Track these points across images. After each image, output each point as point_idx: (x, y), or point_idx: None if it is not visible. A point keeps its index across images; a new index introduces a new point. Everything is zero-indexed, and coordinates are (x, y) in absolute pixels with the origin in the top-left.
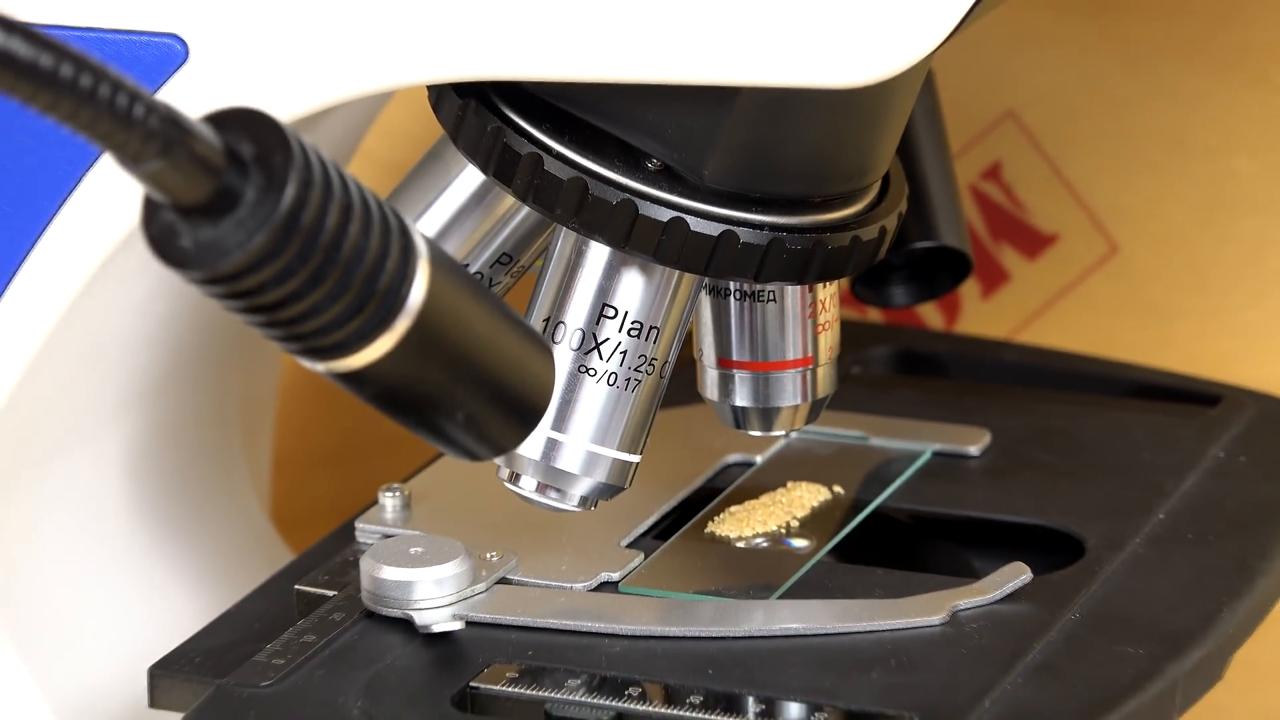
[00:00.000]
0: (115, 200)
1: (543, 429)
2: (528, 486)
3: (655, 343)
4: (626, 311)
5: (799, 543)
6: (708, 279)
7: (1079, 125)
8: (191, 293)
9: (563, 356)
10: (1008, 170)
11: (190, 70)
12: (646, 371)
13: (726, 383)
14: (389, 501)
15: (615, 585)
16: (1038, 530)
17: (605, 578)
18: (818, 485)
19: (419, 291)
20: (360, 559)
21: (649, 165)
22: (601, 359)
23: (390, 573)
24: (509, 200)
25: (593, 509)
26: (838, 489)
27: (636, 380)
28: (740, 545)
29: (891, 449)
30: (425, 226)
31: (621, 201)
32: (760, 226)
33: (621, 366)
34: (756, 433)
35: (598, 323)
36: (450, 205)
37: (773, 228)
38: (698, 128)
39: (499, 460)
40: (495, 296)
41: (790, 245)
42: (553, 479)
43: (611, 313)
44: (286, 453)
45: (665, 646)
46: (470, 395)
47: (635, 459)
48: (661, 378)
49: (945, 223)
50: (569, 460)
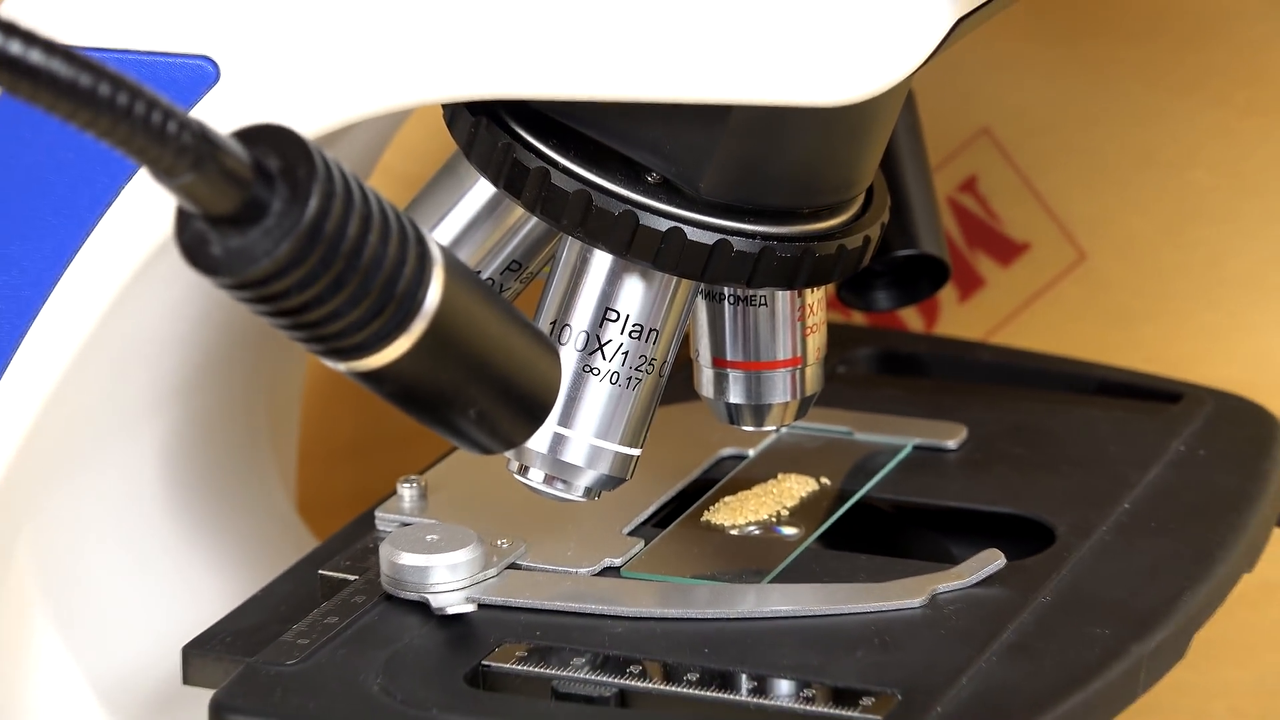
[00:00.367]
0: (150, 211)
1: (550, 424)
2: (536, 478)
3: (655, 344)
4: (628, 315)
5: (788, 530)
6: (704, 284)
7: (1049, 141)
8: (222, 297)
9: (568, 357)
10: (983, 183)
11: (221, 90)
12: (646, 371)
13: (721, 381)
14: (406, 492)
15: (617, 570)
16: (1011, 519)
17: (608, 563)
18: (806, 477)
19: (434, 296)
20: (380, 546)
21: (649, 179)
22: (604, 359)
23: (408, 558)
24: (518, 211)
25: (596, 499)
26: (824, 480)
27: (637, 379)
28: (734, 533)
29: (874, 443)
30: (440, 235)
31: (623, 212)
32: (752, 236)
33: (623, 366)
34: (749, 428)
35: (601, 325)
36: (463, 215)
37: (764, 237)
38: (694, 143)
39: (509, 454)
40: (505, 301)
41: (780, 253)
42: (559, 471)
43: (614, 316)
44: (311, 446)
45: (664, 627)
46: (482, 393)
47: (636, 452)
48: (660, 376)
49: (925, 232)
50: (574, 453)
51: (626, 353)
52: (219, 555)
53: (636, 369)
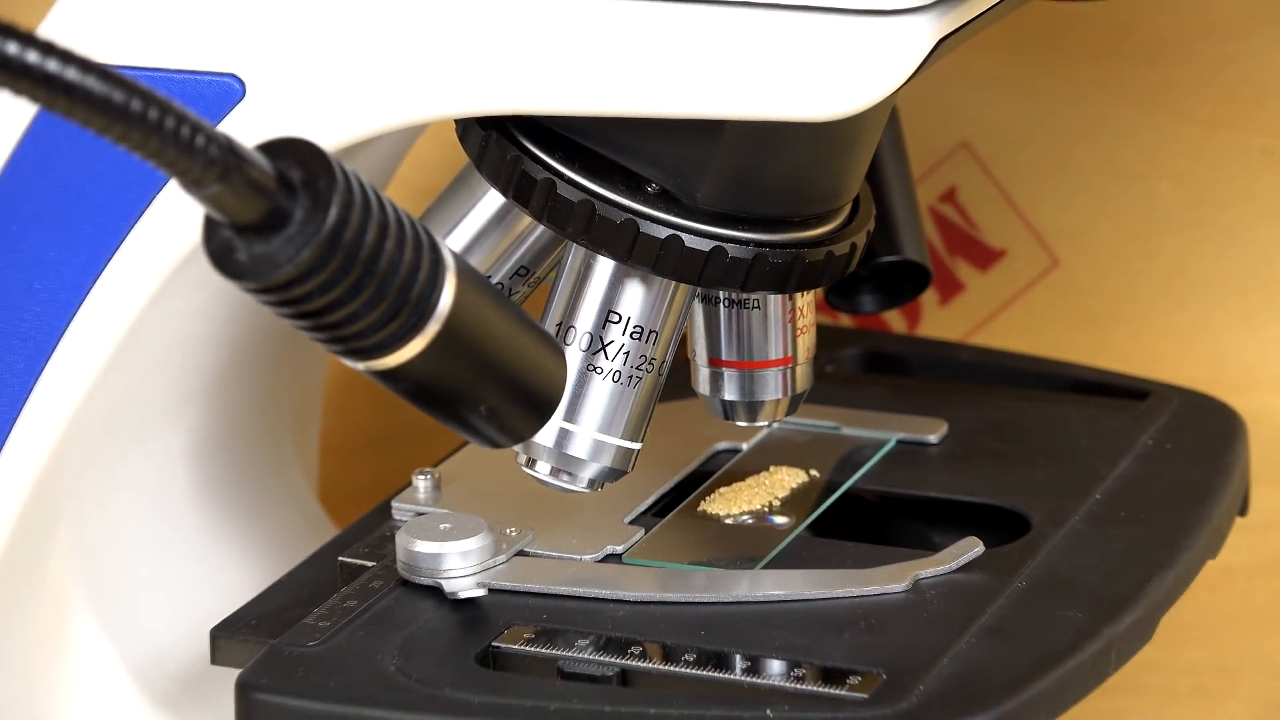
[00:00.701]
0: (180, 220)
1: (556, 420)
2: (543, 470)
3: (654, 344)
4: (629, 317)
5: (780, 519)
6: (700, 289)
7: (1025, 154)
8: (247, 300)
9: (573, 356)
10: (962, 194)
11: (247, 106)
12: (646, 370)
13: (717, 379)
14: (421, 483)
15: (619, 557)
16: (989, 509)
17: (610, 550)
18: (796, 469)
19: (447, 299)
20: (396, 534)
21: (648, 189)
22: (607, 359)
23: (422, 546)
24: (526, 220)
25: (599, 490)
26: (814, 472)
27: (638, 377)
28: (728, 522)
29: (860, 437)
30: (453, 242)
31: (624, 221)
32: (746, 243)
33: (625, 365)
34: (743, 423)
35: (604, 327)
36: (475, 224)
37: (757, 244)
38: (691, 156)
39: (517, 447)
40: (514, 304)
41: (772, 259)
42: (565, 464)
43: (616, 318)
44: (331, 441)
45: (663, 611)
46: (492, 390)
47: (636, 446)
48: (660, 375)
49: (908, 239)
50: (579, 447)
51: (628, 353)
52: (245, 543)
53: (637, 368)
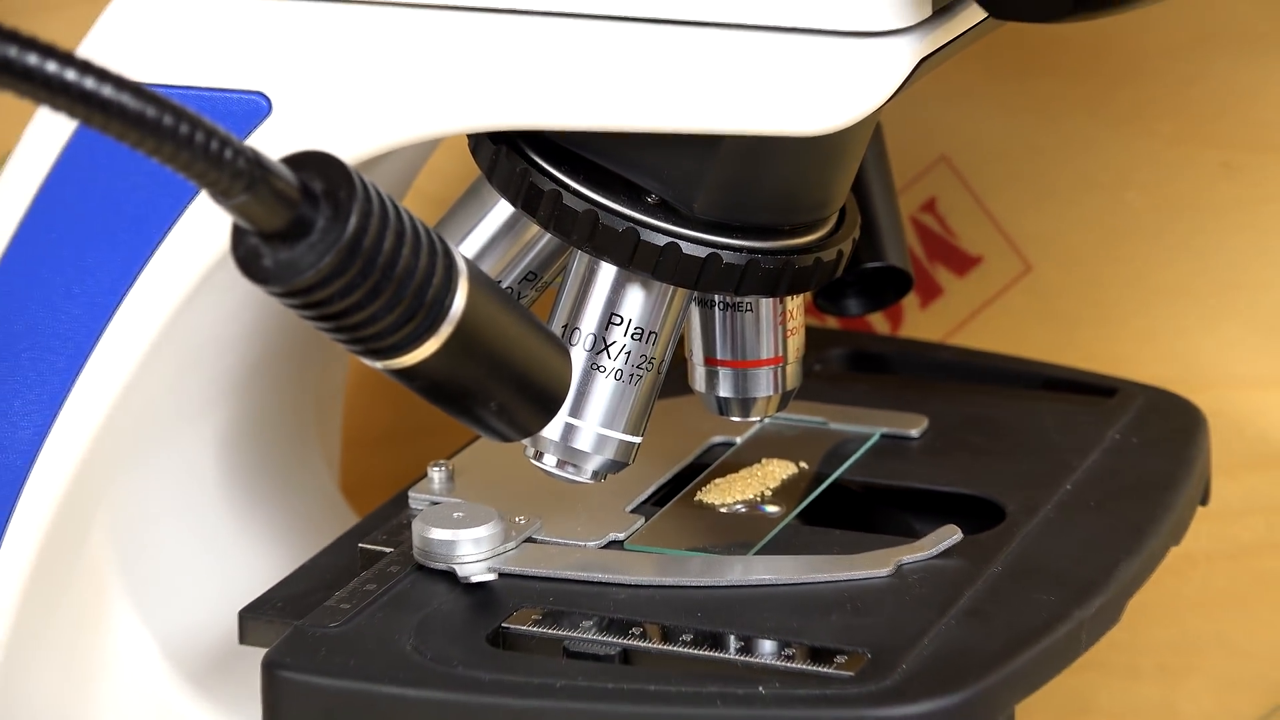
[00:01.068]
0: (210, 228)
1: (562, 415)
2: (549, 462)
3: (654, 345)
4: (630, 319)
5: (771, 509)
6: (697, 293)
7: (1000, 167)
8: (273, 304)
9: (578, 356)
10: (941, 204)
11: (273, 121)
12: (646, 369)
13: (712, 377)
14: (436, 475)
15: (621, 544)
16: (967, 499)
17: (613, 537)
18: (786, 461)
19: (459, 303)
20: (413, 522)
21: (648, 199)
22: (610, 358)
23: (437, 533)
24: (534, 228)
25: (602, 480)
26: (803, 464)
27: (638, 376)
28: (723, 510)
29: (847, 432)
30: (465, 249)
31: (626, 229)
32: (740, 250)
33: (626, 364)
34: (736, 418)
35: (607, 328)
36: (486, 232)
37: (750, 251)
38: (689, 169)
39: (526, 441)
40: (522, 307)
41: (764, 265)
42: (570, 456)
43: (618, 320)
44: (353, 435)
45: (662, 594)
46: (502, 388)
47: (637, 440)
48: (659, 373)
49: (891, 246)
50: (583, 441)
51: (629, 353)
52: (271, 530)
53: (638, 367)
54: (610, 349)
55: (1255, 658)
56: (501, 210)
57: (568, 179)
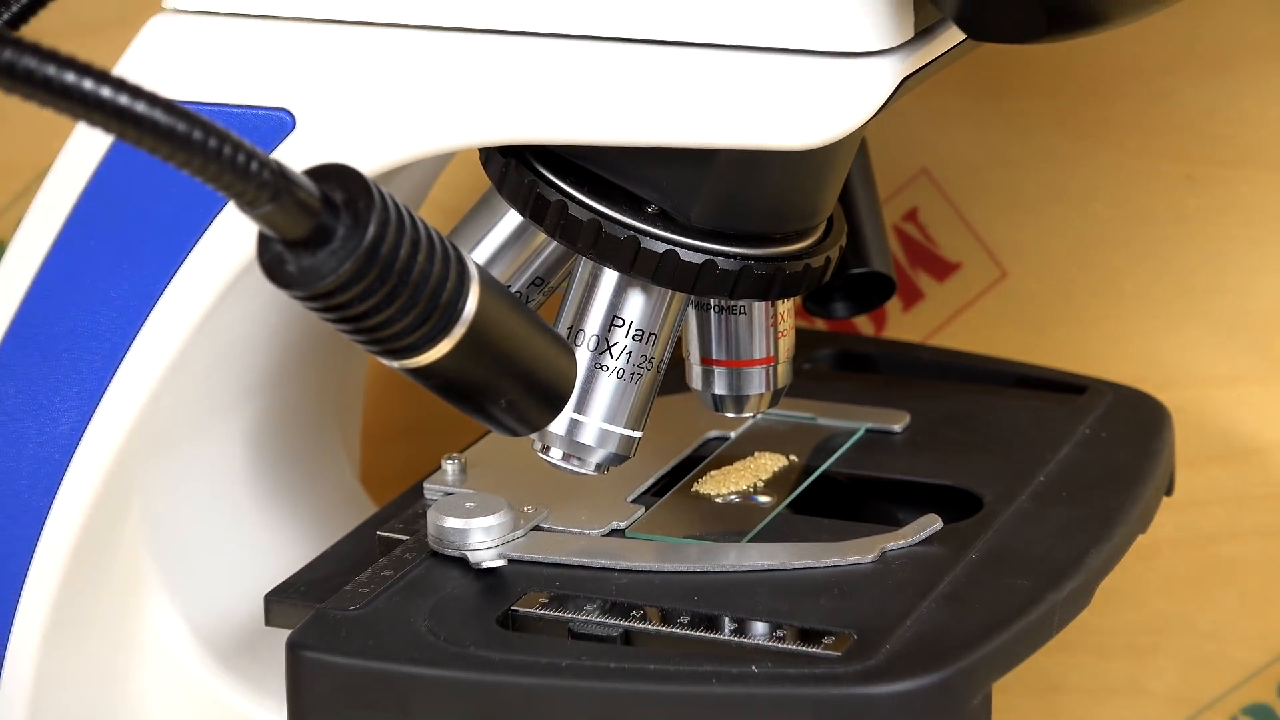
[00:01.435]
0: (237, 236)
1: (567, 411)
2: (556, 455)
3: (653, 345)
4: (631, 321)
5: (763, 499)
6: (694, 297)
7: (977, 179)
8: (296, 306)
9: (582, 356)
10: (922, 214)
11: (296, 136)
12: (646, 368)
13: (708, 376)
14: (450, 467)
15: (623, 532)
16: (946, 489)
17: (615, 526)
18: (777, 454)
19: (471, 306)
20: (427, 511)
21: (648, 209)
22: (612, 358)
23: (451, 522)
24: (541, 236)
25: (605, 472)
26: (793, 457)
27: (639, 374)
28: (718, 500)
29: (834, 427)
30: (477, 256)
31: (627, 237)
32: (734, 257)
33: (628, 364)
34: (730, 414)
35: (609, 330)
36: (496, 240)
37: (743, 258)
38: (686, 181)
39: (533, 436)
40: (530, 310)
41: (757, 271)
42: (575, 450)
43: (620, 322)
44: (371, 429)
45: (661, 579)
46: (511, 386)
47: (638, 434)
48: (658, 372)
49: (875, 254)
50: (587, 435)
51: (630, 353)
52: (295, 519)
53: (638, 366)
54: (612, 349)
55: (1216, 638)
56: (511, 219)
57: (573, 190)
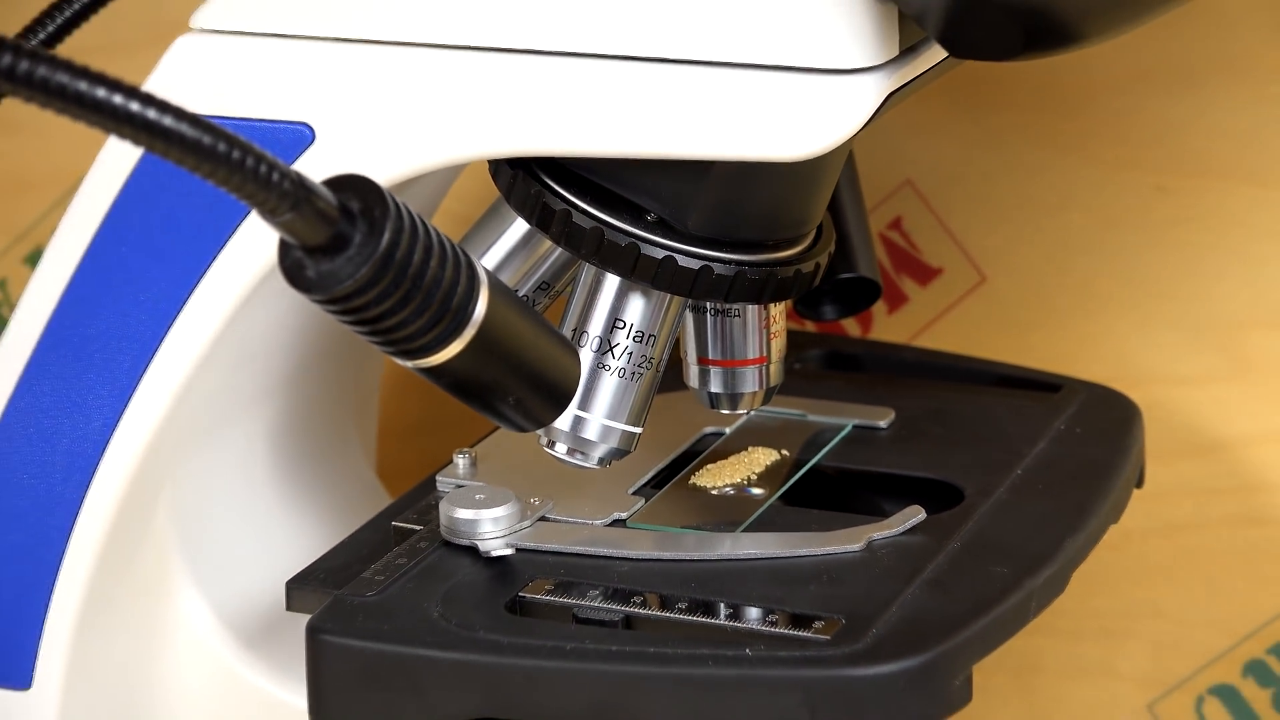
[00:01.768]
0: (259, 243)
1: (571, 409)
2: (560, 450)
3: (653, 346)
4: (632, 324)
5: (756, 491)
6: (691, 300)
7: (958, 190)
8: (316, 309)
9: (585, 356)
10: (906, 222)
11: (316, 148)
12: (646, 367)
13: (704, 375)
14: (461, 461)
15: (624, 522)
16: (930, 482)
17: (617, 516)
18: (770, 449)
19: (481, 309)
20: (440, 503)
21: (648, 218)
22: (614, 358)
23: (462, 513)
24: (547, 243)
25: (607, 466)
26: (784, 452)
27: (639, 374)
28: (714, 493)
29: (823, 423)
30: (486, 262)
31: (628, 244)
32: (729, 262)
33: (628, 364)
34: (725, 411)
35: (611, 332)
36: (504, 246)
37: (738, 263)
38: (684, 191)
39: (539, 432)
40: (536, 313)
41: (750, 276)
42: (579, 445)
43: (621, 324)
44: (387, 425)
45: (661, 567)
46: (518, 384)
47: (638, 430)
48: (657, 372)
49: (862, 259)
50: (590, 431)
51: (631, 353)
52: (315, 510)
53: (639, 366)
54: (614, 350)
55: (1185, 623)
56: (518, 227)
57: (577, 200)
